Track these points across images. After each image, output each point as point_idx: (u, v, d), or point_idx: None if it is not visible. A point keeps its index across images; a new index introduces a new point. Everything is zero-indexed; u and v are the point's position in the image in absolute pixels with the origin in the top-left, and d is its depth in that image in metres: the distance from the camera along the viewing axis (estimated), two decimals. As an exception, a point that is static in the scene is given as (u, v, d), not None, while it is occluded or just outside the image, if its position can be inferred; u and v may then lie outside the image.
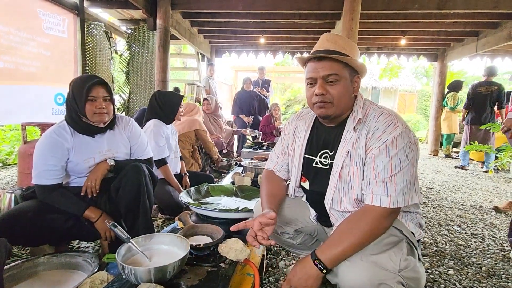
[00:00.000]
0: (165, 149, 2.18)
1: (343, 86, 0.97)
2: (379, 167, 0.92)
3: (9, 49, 2.99)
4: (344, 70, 0.96)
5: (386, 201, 0.89)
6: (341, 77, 0.96)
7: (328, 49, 0.97)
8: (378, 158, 0.92)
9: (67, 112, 1.44)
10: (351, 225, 0.92)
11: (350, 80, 0.99)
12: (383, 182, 0.90)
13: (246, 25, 5.47)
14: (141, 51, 4.69)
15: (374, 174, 0.92)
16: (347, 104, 1.01)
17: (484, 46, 5.24)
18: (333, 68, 0.95)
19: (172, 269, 0.93)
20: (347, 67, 0.97)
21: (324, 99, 0.97)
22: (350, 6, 3.35)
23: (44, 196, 1.37)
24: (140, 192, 1.43)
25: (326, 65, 0.95)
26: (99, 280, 1.03)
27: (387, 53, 6.73)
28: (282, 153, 1.25)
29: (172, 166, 2.28)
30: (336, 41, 0.98)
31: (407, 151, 0.91)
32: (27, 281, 1.22)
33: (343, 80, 0.97)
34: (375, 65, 14.22)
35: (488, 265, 1.72)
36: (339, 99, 0.97)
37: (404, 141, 0.91)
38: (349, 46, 0.99)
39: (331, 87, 0.96)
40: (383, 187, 0.90)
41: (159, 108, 2.26)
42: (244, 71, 13.08)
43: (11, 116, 3.08)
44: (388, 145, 0.91)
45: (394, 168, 0.90)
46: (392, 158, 0.90)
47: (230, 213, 1.46)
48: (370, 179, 0.93)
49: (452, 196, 3.23)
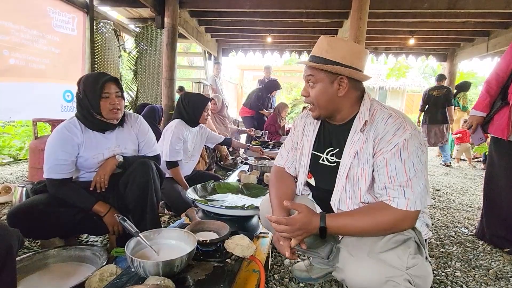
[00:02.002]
0: (179, 152, 2.17)
1: (320, 88, 1.02)
2: (393, 171, 0.91)
3: (20, 47, 3.05)
4: (320, 73, 1.01)
5: (403, 204, 0.89)
6: (317, 79, 1.02)
7: (312, 55, 1.04)
8: (390, 162, 0.92)
9: (78, 110, 1.46)
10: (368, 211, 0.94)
11: (331, 81, 1.00)
12: (400, 186, 0.90)
13: (253, 24, 5.48)
14: (149, 50, 4.74)
15: (389, 179, 0.92)
16: (332, 105, 1.03)
17: (495, 47, 5.15)
18: (310, 71, 1.03)
19: (180, 263, 0.95)
20: (323, 70, 1.00)
21: (307, 101, 1.06)
22: (358, 5, 3.32)
23: (55, 190, 1.40)
24: (148, 188, 1.45)
25: (307, 69, 1.04)
26: (108, 273, 1.05)
27: (395, 53, 6.67)
28: (292, 149, 1.26)
29: (184, 169, 2.29)
30: (321, 46, 1.03)
31: (419, 153, 0.91)
32: (38, 272, 1.25)
33: (320, 83, 1.02)
34: (382, 65, 14.09)
35: (496, 268, 1.70)
36: (318, 101, 1.03)
37: (415, 143, 0.91)
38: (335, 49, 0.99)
39: (311, 89, 1.04)
40: (400, 190, 0.90)
41: (184, 110, 2.26)
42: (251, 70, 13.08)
43: (21, 113, 3.15)
44: (399, 148, 0.91)
45: (409, 172, 0.90)
46: (406, 162, 0.90)
47: (236, 210, 1.47)
48: (385, 183, 0.93)
49: (460, 198, 3.20)
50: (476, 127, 1.98)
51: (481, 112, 1.94)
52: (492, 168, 1.97)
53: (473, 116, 1.99)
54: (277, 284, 1.42)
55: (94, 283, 1.03)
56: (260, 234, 1.52)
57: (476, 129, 1.98)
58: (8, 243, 0.78)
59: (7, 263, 0.77)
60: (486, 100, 1.91)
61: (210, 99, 2.33)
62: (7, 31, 2.90)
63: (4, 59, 2.89)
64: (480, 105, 1.94)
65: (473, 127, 1.99)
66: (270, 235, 1.49)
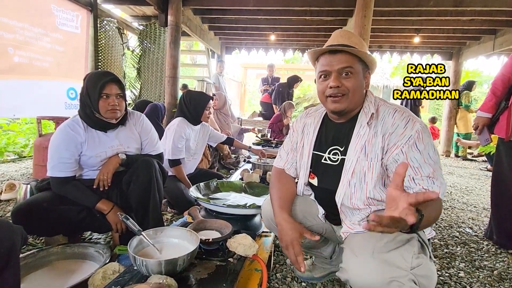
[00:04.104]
0: (182, 151, 2.18)
1: (357, 79, 0.99)
2: (415, 163, 0.91)
3: (24, 45, 3.06)
4: (358, 64, 0.99)
5: (439, 192, 0.88)
6: (355, 70, 0.98)
7: (342, 44, 0.99)
8: (410, 154, 0.91)
9: (81, 107, 1.47)
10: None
11: (363, 74, 1.01)
12: (427, 177, 0.90)
13: (256, 22, 5.45)
14: (152, 48, 4.74)
15: (414, 171, 0.91)
16: (359, 99, 1.02)
17: (501, 45, 5.08)
18: (348, 61, 0.97)
19: (182, 262, 0.95)
20: (360, 61, 0.99)
21: (339, 92, 0.98)
22: (363, 3, 3.29)
23: (58, 188, 1.41)
24: (151, 186, 1.45)
25: (342, 58, 0.97)
26: (111, 271, 1.06)
27: (400, 51, 6.60)
28: (291, 150, 1.25)
29: (187, 167, 2.29)
30: (349, 37, 1.01)
31: (432, 143, 0.93)
32: (42, 269, 1.26)
33: (357, 74, 0.99)
34: (387, 63, 13.98)
35: (500, 269, 1.68)
36: (354, 92, 0.99)
37: (427, 134, 0.93)
38: (360, 43, 1.01)
39: (346, 80, 0.98)
40: (429, 181, 0.89)
41: (186, 108, 2.26)
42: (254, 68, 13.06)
43: (25, 110, 3.17)
44: (415, 140, 0.91)
45: (430, 162, 0.90)
46: (423, 153, 0.90)
47: (238, 209, 1.47)
48: (411, 175, 0.91)
49: (464, 198, 3.17)
50: (483, 128, 1.97)
51: (487, 113, 1.94)
52: (499, 167, 1.96)
53: (479, 117, 1.99)
54: (280, 283, 1.41)
55: (97, 280, 1.04)
56: (263, 233, 1.52)
57: (483, 130, 1.98)
58: (12, 240, 0.79)
59: (11, 260, 0.78)
60: (492, 101, 1.90)
61: (212, 97, 2.33)
62: (12, 29, 2.92)
63: (8, 57, 2.91)
64: (486, 106, 1.93)
65: (479, 128, 1.98)
66: (273, 234, 1.49)
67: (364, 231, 0.98)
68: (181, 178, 2.18)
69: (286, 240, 1.00)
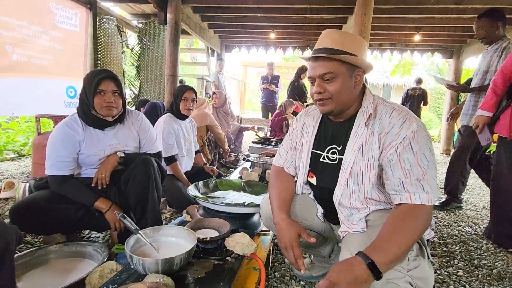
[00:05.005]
0: (174, 147, 2.17)
1: (341, 82, 0.97)
2: (406, 164, 0.90)
3: (23, 43, 3.05)
4: (341, 67, 0.96)
5: (425, 198, 0.88)
6: (338, 74, 0.96)
7: (325, 47, 0.98)
8: (403, 155, 0.90)
9: (79, 104, 1.46)
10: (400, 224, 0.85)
11: (350, 75, 0.98)
12: (417, 180, 0.88)
13: (256, 20, 5.43)
14: (152, 46, 4.73)
15: (404, 173, 0.90)
16: (348, 99, 1.01)
17: (502, 43, 5.05)
18: (328, 67, 0.96)
19: (179, 261, 0.94)
20: (344, 63, 0.96)
21: (323, 97, 0.99)
22: (363, 1, 3.26)
23: (57, 186, 1.41)
24: (149, 185, 1.44)
25: (322, 64, 0.97)
26: (108, 269, 1.06)
27: (400, 50, 6.57)
28: (291, 149, 1.24)
29: (183, 164, 2.29)
30: (333, 38, 0.98)
31: (428, 145, 0.91)
32: (40, 268, 1.26)
33: (340, 77, 0.97)
34: (387, 62, 13.94)
35: (499, 268, 1.68)
36: (338, 95, 0.98)
37: (423, 135, 0.91)
38: (349, 41, 0.97)
39: (329, 84, 0.98)
40: (418, 185, 0.88)
41: (173, 102, 2.28)
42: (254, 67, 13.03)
43: (24, 108, 3.16)
44: (410, 141, 0.90)
45: (423, 164, 0.89)
46: (418, 154, 0.89)
47: (236, 207, 1.46)
48: (401, 178, 0.91)
49: (464, 197, 3.15)
50: (483, 127, 1.93)
51: (487, 112, 1.90)
52: (499, 166, 1.94)
53: (479, 116, 1.94)
54: (278, 282, 1.41)
55: (94, 279, 1.04)
56: (261, 232, 1.52)
57: (483, 129, 1.94)
58: (6, 239, 0.78)
59: (5, 259, 0.77)
60: (492, 100, 1.87)
61: (190, 87, 2.23)
62: (10, 27, 2.90)
63: (7, 55, 2.90)
64: (487, 104, 1.90)
65: (479, 127, 1.94)
66: (271, 233, 1.49)
67: (362, 231, 0.97)
68: (178, 176, 2.17)
69: (285, 241, 1.00)
